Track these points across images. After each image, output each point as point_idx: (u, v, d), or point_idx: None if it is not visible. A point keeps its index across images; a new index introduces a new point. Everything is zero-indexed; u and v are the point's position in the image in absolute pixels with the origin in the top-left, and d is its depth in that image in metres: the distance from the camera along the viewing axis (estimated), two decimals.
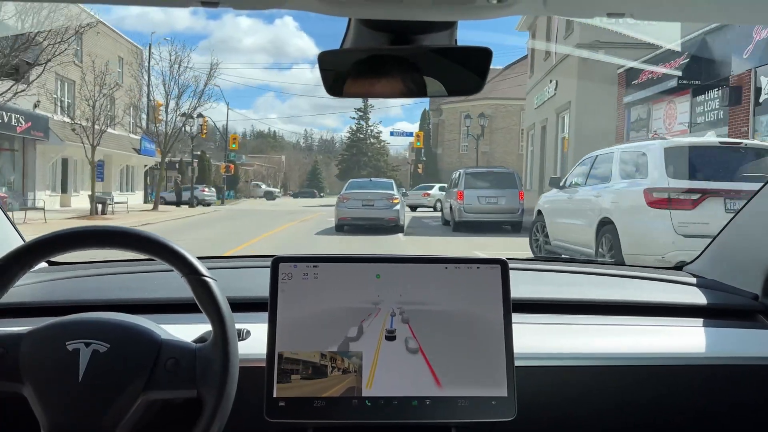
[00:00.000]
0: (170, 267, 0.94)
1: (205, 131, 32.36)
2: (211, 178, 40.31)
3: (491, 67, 0.97)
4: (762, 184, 1.42)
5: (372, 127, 56.84)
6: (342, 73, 0.98)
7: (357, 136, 56.77)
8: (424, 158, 44.24)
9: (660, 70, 13.30)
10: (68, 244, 0.93)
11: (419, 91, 1.00)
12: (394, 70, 0.97)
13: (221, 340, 0.91)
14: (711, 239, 1.60)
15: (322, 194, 57.69)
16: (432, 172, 43.19)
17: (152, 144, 28.42)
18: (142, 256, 0.96)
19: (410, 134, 39.70)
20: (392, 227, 14.01)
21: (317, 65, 0.96)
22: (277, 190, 50.23)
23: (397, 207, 14.16)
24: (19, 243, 1.43)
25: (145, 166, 31.70)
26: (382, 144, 56.60)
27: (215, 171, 42.04)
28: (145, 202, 29.82)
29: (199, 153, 38.51)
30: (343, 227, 14.08)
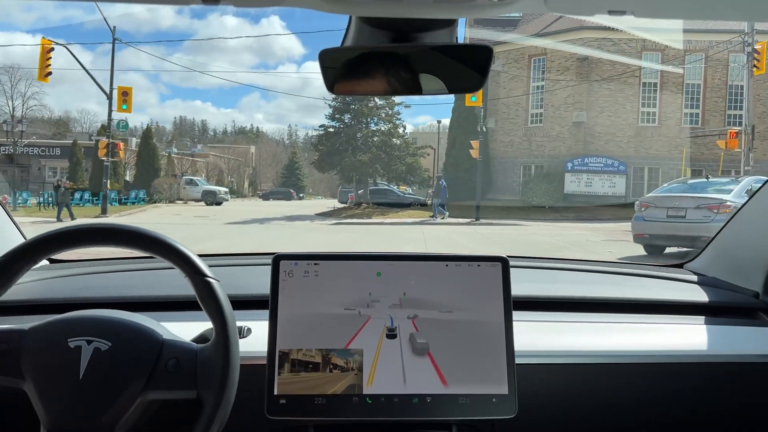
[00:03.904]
0: (172, 265, 0.94)
1: (49, 68, 14.19)
2: (123, 170, 24.87)
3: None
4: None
5: None
6: (343, 71, 0.97)
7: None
8: (484, 128, 22.33)
9: None
10: (71, 242, 0.93)
11: (419, 89, 1.00)
12: (394, 68, 0.97)
13: (223, 342, 0.91)
14: (711, 237, 1.59)
15: (301, 195, 42.82)
16: (481, 158, 21.72)
17: None
18: (144, 254, 0.96)
19: None
20: None
21: (315, 63, 0.95)
22: (224, 189, 30.37)
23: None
24: (21, 241, 1.43)
25: None
26: (395, 109, 26.91)
27: (132, 157, 25.19)
28: None
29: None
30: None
